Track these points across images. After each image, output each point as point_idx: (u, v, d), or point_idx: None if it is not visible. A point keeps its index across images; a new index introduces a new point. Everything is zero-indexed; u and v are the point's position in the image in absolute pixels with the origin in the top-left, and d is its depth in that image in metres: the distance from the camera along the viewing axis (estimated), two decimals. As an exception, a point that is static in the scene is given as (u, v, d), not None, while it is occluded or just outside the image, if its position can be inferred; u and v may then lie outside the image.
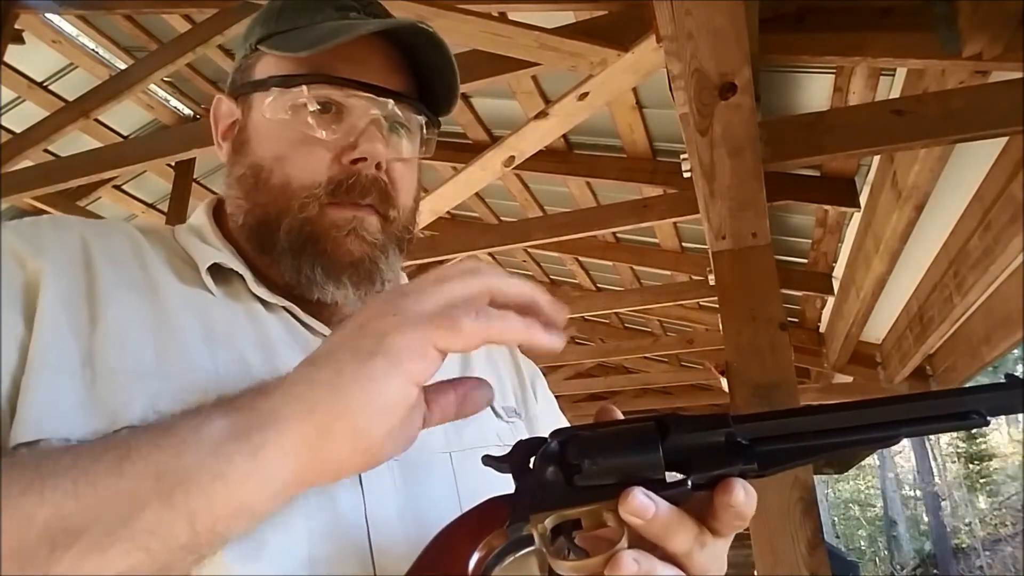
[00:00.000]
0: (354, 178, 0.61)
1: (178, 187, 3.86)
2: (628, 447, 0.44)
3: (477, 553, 0.43)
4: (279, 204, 0.61)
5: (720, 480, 0.43)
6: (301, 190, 0.60)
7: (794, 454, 0.44)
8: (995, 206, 2.07)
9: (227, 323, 0.58)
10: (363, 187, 0.61)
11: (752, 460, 0.43)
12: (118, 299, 0.54)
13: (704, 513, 0.44)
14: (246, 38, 0.67)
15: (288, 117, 0.62)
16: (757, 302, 1.90)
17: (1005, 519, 18.84)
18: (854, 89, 2.07)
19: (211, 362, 0.54)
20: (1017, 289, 2.37)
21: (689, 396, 6.37)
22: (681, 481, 0.43)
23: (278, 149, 0.62)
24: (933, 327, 2.81)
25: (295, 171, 0.61)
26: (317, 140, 0.61)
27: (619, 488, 0.42)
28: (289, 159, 0.61)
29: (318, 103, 0.61)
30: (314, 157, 0.61)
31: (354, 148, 0.61)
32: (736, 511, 0.43)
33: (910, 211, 2.20)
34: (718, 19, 1.33)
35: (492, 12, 1.98)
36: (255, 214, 0.62)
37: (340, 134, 0.61)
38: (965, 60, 1.60)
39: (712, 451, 0.44)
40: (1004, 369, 3.25)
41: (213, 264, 0.60)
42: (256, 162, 0.63)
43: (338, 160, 0.61)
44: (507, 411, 0.70)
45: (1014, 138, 1.84)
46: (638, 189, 3.12)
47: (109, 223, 0.64)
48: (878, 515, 22.42)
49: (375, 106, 0.62)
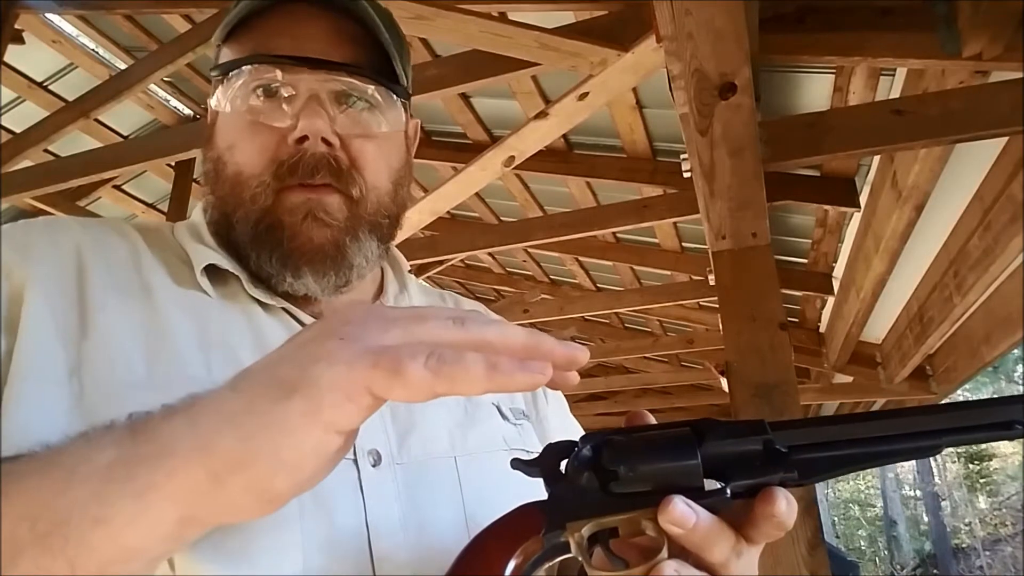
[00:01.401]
0: (299, 157, 0.57)
1: (178, 187, 3.86)
2: (666, 454, 0.43)
3: (514, 560, 0.42)
4: (235, 196, 0.59)
5: (760, 489, 0.42)
6: (251, 179, 0.58)
7: (835, 462, 0.43)
8: (995, 206, 2.07)
9: (223, 326, 0.56)
10: (309, 166, 0.57)
11: (792, 469, 0.42)
12: (110, 306, 0.52)
13: (741, 522, 0.43)
14: None
15: (237, 104, 0.59)
16: (757, 302, 1.90)
17: (1005, 519, 18.83)
18: (854, 89, 2.07)
19: (205, 369, 0.52)
20: (1017, 289, 2.37)
21: (689, 396, 6.36)
22: (720, 489, 0.42)
23: (230, 139, 0.60)
24: (933, 327, 2.81)
25: (244, 158, 0.59)
26: (263, 125, 0.58)
27: (657, 496, 0.41)
28: (238, 147, 0.59)
29: (261, 86, 0.58)
30: (259, 142, 0.58)
31: (296, 127, 0.57)
32: (778, 521, 0.42)
33: (910, 211, 2.20)
34: (718, 19, 1.33)
35: (492, 12, 1.98)
36: (218, 208, 0.61)
37: (278, 114, 0.58)
38: (965, 60, 1.60)
39: (750, 459, 0.43)
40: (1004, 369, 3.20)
41: (209, 265, 0.58)
42: (216, 155, 0.61)
43: (284, 142, 0.58)
44: (515, 413, 0.67)
45: (1014, 138, 1.84)
46: (638, 189, 3.12)
47: (107, 223, 0.62)
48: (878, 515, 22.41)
49: (315, 80, 0.58)
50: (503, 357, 0.37)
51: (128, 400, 0.47)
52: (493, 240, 3.36)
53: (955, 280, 2.47)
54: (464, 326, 0.39)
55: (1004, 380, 19.77)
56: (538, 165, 2.99)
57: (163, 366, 0.51)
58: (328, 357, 0.37)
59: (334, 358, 0.37)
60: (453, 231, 3.71)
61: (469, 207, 3.93)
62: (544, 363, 0.38)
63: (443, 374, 0.36)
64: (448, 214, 3.60)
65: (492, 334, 0.39)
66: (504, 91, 2.74)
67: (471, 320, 0.39)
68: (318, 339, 0.39)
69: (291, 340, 0.41)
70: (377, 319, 0.39)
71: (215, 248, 0.61)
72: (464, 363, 0.36)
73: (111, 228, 0.61)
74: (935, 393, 3.60)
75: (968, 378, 3.26)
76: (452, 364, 0.36)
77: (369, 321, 0.39)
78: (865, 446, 0.43)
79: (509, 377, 0.36)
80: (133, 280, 0.56)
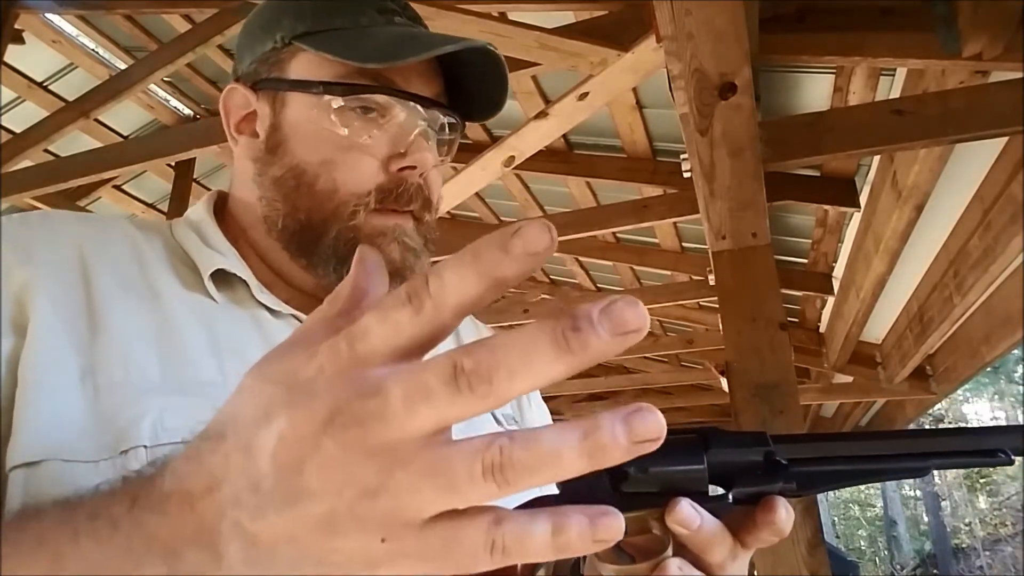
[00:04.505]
0: (402, 187, 0.60)
1: (178, 187, 3.86)
2: (675, 458, 0.44)
3: None
4: (325, 210, 0.60)
5: (761, 497, 0.44)
6: (350, 197, 0.59)
7: (830, 477, 0.45)
8: (995, 206, 2.07)
9: (233, 331, 0.56)
10: (410, 195, 0.61)
11: (791, 480, 0.45)
12: (119, 306, 0.52)
13: (739, 527, 0.45)
14: (269, 28, 0.63)
15: (335, 120, 0.60)
16: (757, 302, 1.90)
17: (1005, 519, 18.83)
18: (854, 89, 2.07)
19: (219, 374, 0.52)
20: (1017, 289, 2.37)
21: (689, 396, 6.36)
22: (723, 495, 0.44)
23: (324, 153, 0.60)
24: (933, 327, 2.81)
25: (343, 177, 0.60)
26: (365, 147, 0.60)
27: (664, 497, 0.43)
28: (337, 165, 0.60)
29: (366, 109, 0.60)
30: (363, 164, 0.60)
31: (403, 156, 0.60)
32: (776, 528, 0.44)
33: (910, 211, 2.20)
34: (718, 19, 1.33)
35: (492, 12, 1.98)
36: (296, 218, 0.61)
37: (387, 141, 0.61)
38: (965, 60, 1.60)
39: (752, 468, 0.45)
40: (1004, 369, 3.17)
41: (217, 270, 0.58)
42: (298, 165, 0.61)
43: (385, 168, 0.60)
44: (507, 418, 0.69)
45: (1014, 138, 1.84)
46: (638, 189, 3.12)
47: (104, 220, 0.61)
48: (878, 515, 22.41)
49: (424, 115, 0.62)
50: (572, 520, 0.28)
51: (145, 402, 0.47)
52: (493, 240, 3.36)
53: (955, 280, 2.47)
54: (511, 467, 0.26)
55: (1004, 380, 19.78)
56: (538, 165, 2.99)
57: (177, 368, 0.51)
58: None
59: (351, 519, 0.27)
60: (453, 231, 3.72)
61: (469, 207, 3.94)
62: (614, 516, 0.29)
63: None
64: (448, 214, 3.61)
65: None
66: (504, 91, 2.74)
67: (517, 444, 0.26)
68: (314, 440, 0.28)
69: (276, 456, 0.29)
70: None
71: (223, 252, 0.60)
72: (527, 544, 0.27)
73: (109, 224, 0.60)
74: (935, 393, 3.60)
75: (968, 378, 3.26)
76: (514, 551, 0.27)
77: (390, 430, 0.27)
78: (860, 463, 0.46)
79: (582, 545, 0.28)
80: (138, 280, 0.55)
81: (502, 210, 4.03)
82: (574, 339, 0.25)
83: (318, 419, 0.27)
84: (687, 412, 6.60)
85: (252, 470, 0.28)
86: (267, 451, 0.28)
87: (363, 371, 0.28)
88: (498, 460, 0.25)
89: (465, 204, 3.51)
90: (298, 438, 0.27)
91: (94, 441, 0.45)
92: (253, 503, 0.28)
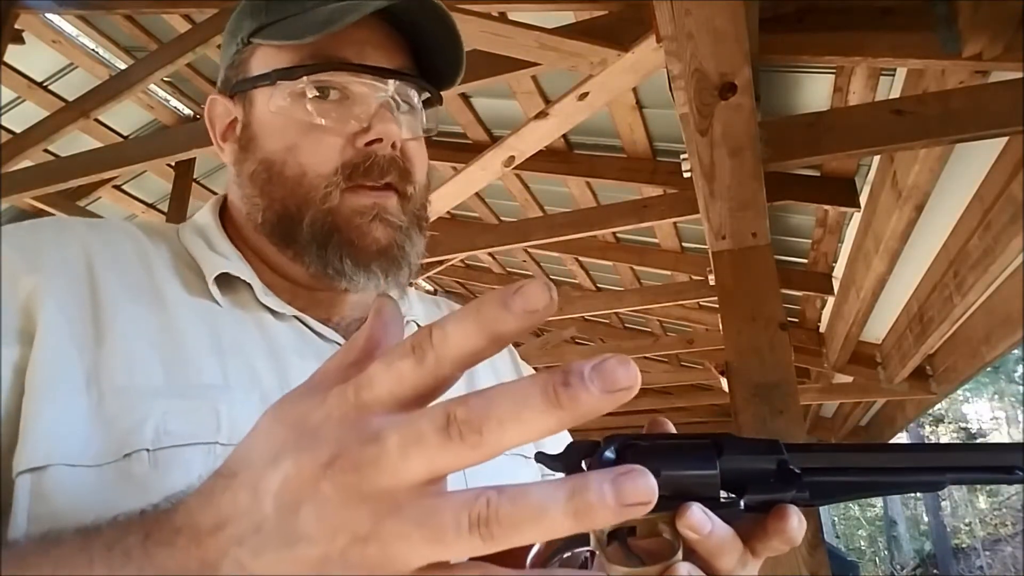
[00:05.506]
0: (371, 160, 0.59)
1: (178, 187, 3.86)
2: (688, 462, 0.44)
3: (537, 544, 0.43)
4: (297, 196, 0.59)
5: (774, 505, 0.44)
6: (318, 179, 0.59)
7: (844, 488, 0.45)
8: (995, 206, 2.07)
9: (235, 333, 0.56)
10: (381, 168, 0.59)
11: (804, 489, 0.44)
12: (124, 311, 0.52)
13: (750, 535, 0.44)
14: (234, 33, 0.64)
15: (293, 106, 0.60)
16: (757, 302, 1.90)
17: (1005, 519, 18.83)
18: (854, 89, 2.07)
19: (221, 376, 0.52)
20: (1017, 289, 2.37)
21: (689, 396, 6.36)
22: (735, 501, 0.44)
23: (288, 140, 0.60)
24: (933, 327, 2.81)
25: (307, 159, 0.59)
26: (328, 127, 0.60)
27: (675, 501, 0.43)
28: (300, 148, 0.59)
29: (322, 89, 0.60)
30: (325, 143, 0.59)
31: (367, 131, 0.59)
32: (788, 537, 0.43)
33: (910, 211, 2.20)
34: (718, 19, 1.33)
35: (492, 12, 1.98)
36: (274, 209, 0.60)
37: (349, 118, 0.60)
38: (965, 60, 1.60)
39: (765, 476, 0.45)
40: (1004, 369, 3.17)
41: (221, 274, 0.59)
42: (267, 157, 0.61)
43: (351, 144, 0.59)
44: None
45: (1014, 138, 1.84)
46: (638, 189, 3.12)
47: (112, 224, 0.62)
48: (878, 515, 22.40)
49: (382, 87, 0.61)
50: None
51: (149, 406, 0.48)
52: (493, 240, 3.36)
53: (955, 280, 2.47)
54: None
55: (1004, 380, 19.77)
56: (538, 165, 2.99)
57: (180, 371, 0.51)
58: None
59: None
60: (453, 231, 3.71)
61: (469, 207, 3.94)
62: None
63: None
64: (448, 214, 3.61)
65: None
66: (504, 91, 2.74)
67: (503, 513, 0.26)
68: (323, 495, 0.28)
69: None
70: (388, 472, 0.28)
71: (227, 255, 0.61)
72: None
73: (117, 229, 0.61)
74: (935, 393, 3.60)
75: (968, 378, 3.26)
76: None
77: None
78: (874, 475, 0.45)
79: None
80: (144, 283, 0.56)
81: (502, 210, 4.03)
82: (564, 394, 0.25)
83: (320, 463, 0.28)
84: (687, 412, 6.60)
85: (256, 510, 0.29)
86: (271, 492, 0.29)
87: (366, 418, 0.29)
88: (484, 514, 0.26)
89: (465, 204, 3.51)
90: (300, 481, 0.28)
91: (98, 445, 0.46)
92: (254, 542, 0.29)
